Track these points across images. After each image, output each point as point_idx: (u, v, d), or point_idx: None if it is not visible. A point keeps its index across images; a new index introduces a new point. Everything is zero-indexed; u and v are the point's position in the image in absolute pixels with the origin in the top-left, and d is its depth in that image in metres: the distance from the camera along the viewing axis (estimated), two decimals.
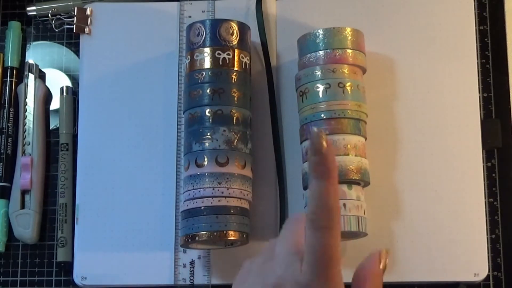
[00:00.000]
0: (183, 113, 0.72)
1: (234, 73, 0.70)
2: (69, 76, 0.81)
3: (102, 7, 0.79)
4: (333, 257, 0.42)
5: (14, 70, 0.80)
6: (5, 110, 0.78)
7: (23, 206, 0.76)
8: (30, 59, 0.80)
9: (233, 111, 0.69)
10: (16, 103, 0.79)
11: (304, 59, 0.71)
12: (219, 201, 0.67)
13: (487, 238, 0.73)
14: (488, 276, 0.72)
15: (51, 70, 0.81)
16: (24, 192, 0.76)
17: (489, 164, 0.75)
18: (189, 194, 0.68)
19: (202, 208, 0.67)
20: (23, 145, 0.77)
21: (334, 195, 0.42)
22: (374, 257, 0.45)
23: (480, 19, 0.78)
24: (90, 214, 0.74)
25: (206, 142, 0.69)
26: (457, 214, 0.73)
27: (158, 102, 0.76)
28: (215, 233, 0.67)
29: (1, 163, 0.77)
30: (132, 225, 0.74)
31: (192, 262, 0.73)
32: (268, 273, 0.44)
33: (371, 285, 0.44)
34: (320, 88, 0.69)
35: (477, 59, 0.76)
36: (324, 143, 0.41)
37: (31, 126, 0.78)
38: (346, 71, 0.69)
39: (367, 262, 0.45)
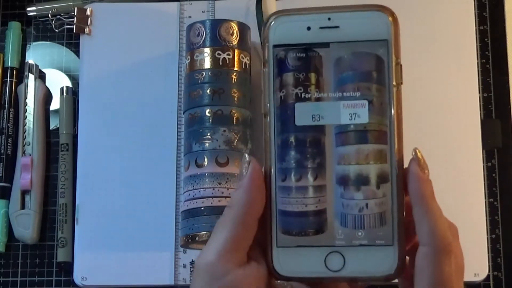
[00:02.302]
0: (183, 113, 0.72)
1: (234, 73, 0.70)
2: (69, 76, 0.81)
3: (102, 7, 0.79)
4: None
5: (14, 70, 0.80)
6: (5, 110, 0.78)
7: (23, 206, 0.76)
8: (30, 59, 0.80)
9: (233, 111, 0.69)
10: (16, 103, 0.79)
11: None
12: (219, 201, 0.67)
13: (487, 238, 0.73)
14: (488, 276, 0.72)
15: (51, 70, 0.81)
16: (24, 192, 0.76)
17: (489, 164, 0.75)
18: (189, 194, 0.68)
19: (202, 208, 0.67)
20: (23, 145, 0.77)
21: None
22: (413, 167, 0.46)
23: (480, 19, 0.78)
24: (90, 214, 0.74)
25: (206, 142, 0.69)
26: (457, 214, 0.72)
27: (158, 102, 0.76)
28: None
29: (1, 163, 0.77)
30: (132, 225, 0.74)
31: (192, 262, 0.73)
32: None
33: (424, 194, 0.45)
34: None
35: (477, 59, 0.76)
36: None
37: (31, 126, 0.78)
38: None
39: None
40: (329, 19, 0.47)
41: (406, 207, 0.46)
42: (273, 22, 0.47)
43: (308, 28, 0.47)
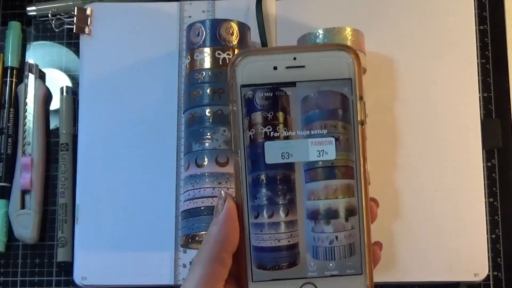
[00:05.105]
0: (183, 113, 0.72)
1: None
2: (69, 76, 0.81)
3: (102, 7, 0.79)
4: None
5: (14, 70, 0.80)
6: (5, 110, 0.78)
7: (23, 206, 0.76)
8: (30, 59, 0.80)
9: None
10: (16, 103, 0.79)
11: None
12: None
13: (487, 238, 0.73)
14: (488, 276, 0.72)
15: (51, 70, 0.81)
16: (24, 192, 0.76)
17: (489, 164, 0.75)
18: (189, 194, 0.68)
19: (202, 208, 0.67)
20: (23, 145, 0.77)
21: None
22: None
23: (480, 19, 0.78)
24: (90, 214, 0.74)
25: (206, 142, 0.69)
26: (457, 214, 0.73)
27: (158, 102, 0.76)
28: None
29: (1, 163, 0.77)
30: (132, 225, 0.74)
31: (192, 262, 0.73)
32: None
33: None
34: None
35: (477, 59, 0.76)
36: None
37: (31, 126, 0.78)
38: None
39: None
40: (294, 58, 0.48)
41: None
42: (240, 62, 0.48)
43: (275, 68, 0.48)
